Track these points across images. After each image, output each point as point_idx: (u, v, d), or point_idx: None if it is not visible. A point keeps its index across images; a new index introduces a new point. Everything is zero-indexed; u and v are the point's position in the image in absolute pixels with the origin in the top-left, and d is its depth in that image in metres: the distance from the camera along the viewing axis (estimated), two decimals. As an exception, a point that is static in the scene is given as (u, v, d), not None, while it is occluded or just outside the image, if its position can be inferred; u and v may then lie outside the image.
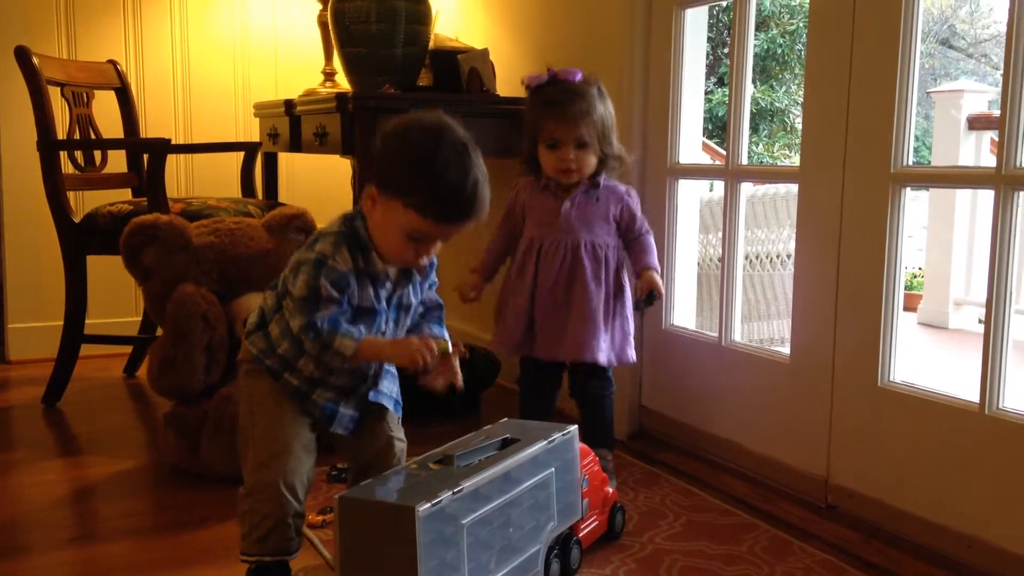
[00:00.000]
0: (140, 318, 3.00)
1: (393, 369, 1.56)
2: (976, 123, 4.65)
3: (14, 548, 1.73)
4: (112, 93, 2.99)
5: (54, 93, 2.68)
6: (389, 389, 1.56)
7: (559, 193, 2.02)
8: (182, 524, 1.83)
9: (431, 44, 2.69)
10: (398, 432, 1.56)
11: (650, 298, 1.97)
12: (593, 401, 2.07)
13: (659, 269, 2.02)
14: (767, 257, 4.06)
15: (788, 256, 4.03)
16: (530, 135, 2.04)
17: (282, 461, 1.43)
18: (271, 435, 1.44)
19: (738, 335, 2.20)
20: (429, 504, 1.25)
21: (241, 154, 3.07)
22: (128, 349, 3.03)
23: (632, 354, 2.04)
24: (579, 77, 2.01)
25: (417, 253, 1.43)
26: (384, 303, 1.45)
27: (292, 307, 1.41)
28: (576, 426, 1.63)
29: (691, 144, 2.33)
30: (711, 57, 9.67)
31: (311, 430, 1.49)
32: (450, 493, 1.29)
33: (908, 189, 1.79)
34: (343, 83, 2.90)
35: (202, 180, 3.38)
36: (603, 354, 1.98)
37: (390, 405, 1.55)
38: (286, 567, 1.46)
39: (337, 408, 1.49)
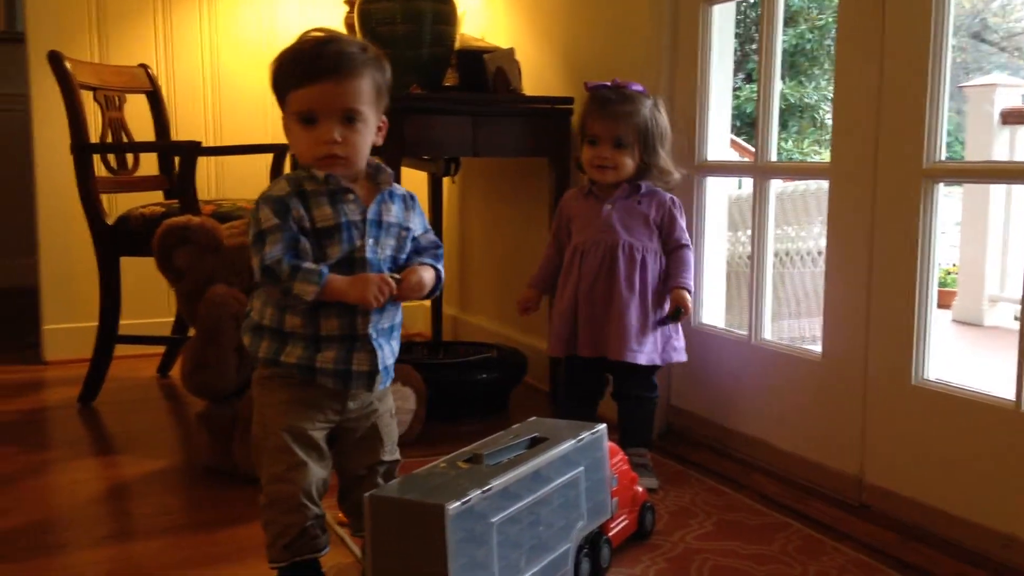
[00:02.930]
0: (173, 319, 3.03)
1: (394, 328, 1.51)
2: (1010, 117, 4.58)
3: (50, 545, 1.75)
4: (143, 97, 3.03)
5: (87, 97, 2.72)
6: (388, 350, 1.49)
7: (601, 196, 2.06)
8: (215, 522, 1.84)
9: (457, 44, 2.69)
10: (389, 452, 1.54)
11: (676, 314, 2.01)
12: (635, 403, 2.08)
13: (692, 288, 2.05)
14: (797, 254, 4.03)
15: (819, 253, 3.99)
16: (579, 135, 2.10)
17: (300, 473, 1.42)
18: (286, 447, 1.43)
19: (768, 333, 2.19)
20: (459, 502, 1.25)
21: (270, 156, 3.09)
22: (161, 349, 3.06)
23: (677, 356, 2.06)
24: (639, 89, 2.07)
25: (317, 140, 1.40)
26: (355, 217, 1.42)
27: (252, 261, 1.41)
28: (604, 425, 1.63)
29: (719, 141, 2.32)
30: (739, 53, 9.61)
31: (323, 435, 1.47)
32: (479, 492, 1.29)
33: (941, 185, 1.76)
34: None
35: (232, 182, 3.41)
36: (639, 355, 1.99)
37: (386, 372, 1.49)
38: (316, 565, 1.47)
39: (349, 367, 1.44)
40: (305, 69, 1.40)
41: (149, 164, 3.00)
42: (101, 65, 3.03)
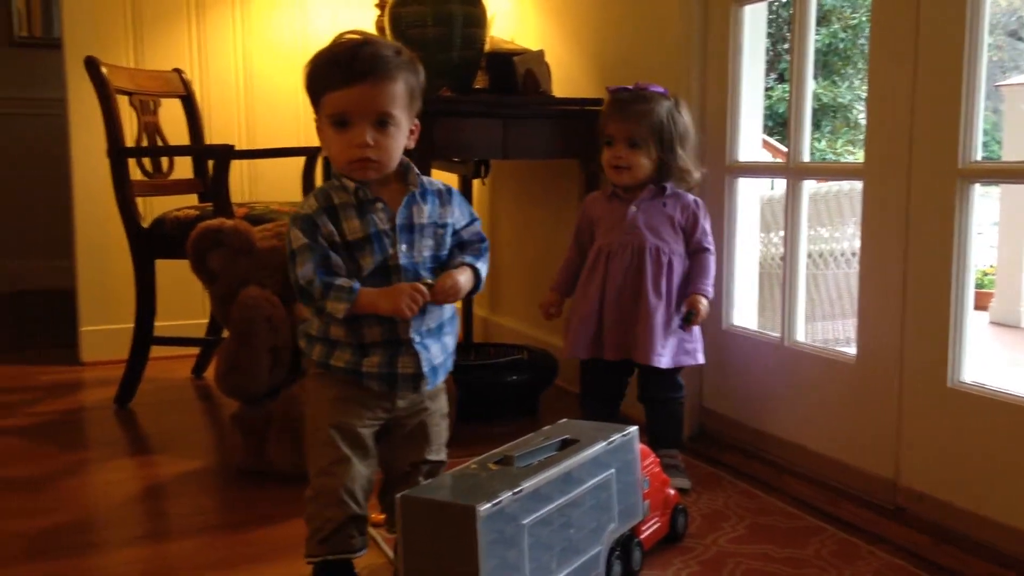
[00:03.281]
0: (207, 320, 3.06)
1: (444, 324, 1.52)
2: (1048, 116, 4.51)
3: (87, 544, 1.78)
4: (178, 101, 3.06)
5: (122, 102, 2.75)
6: (437, 348, 1.50)
7: (626, 198, 2.05)
8: (249, 522, 1.86)
9: (487, 47, 2.69)
10: (435, 452, 1.55)
11: (687, 318, 2.01)
12: (660, 405, 2.07)
13: (710, 295, 2.04)
14: (831, 255, 4.00)
15: (853, 254, 3.95)
16: (598, 136, 2.10)
17: (343, 468, 1.45)
18: (331, 443, 1.46)
19: (801, 335, 2.17)
20: (490, 504, 1.25)
21: (302, 159, 3.12)
22: (196, 351, 3.09)
23: (688, 359, 2.04)
24: (660, 90, 2.06)
25: (350, 143, 1.41)
26: (385, 226, 1.43)
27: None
28: (636, 427, 1.62)
29: (750, 142, 2.30)
30: (771, 53, 9.54)
31: (371, 432, 1.50)
32: (510, 493, 1.29)
33: (977, 185, 1.74)
34: (401, 87, 2.92)
35: (265, 185, 3.44)
36: (663, 358, 1.99)
37: (434, 373, 1.49)
38: (349, 566, 1.48)
39: (394, 371, 1.46)
40: (340, 72, 1.40)
41: (183, 168, 3.03)
42: (136, 70, 3.07)
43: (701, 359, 2.07)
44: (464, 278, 1.48)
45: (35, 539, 1.79)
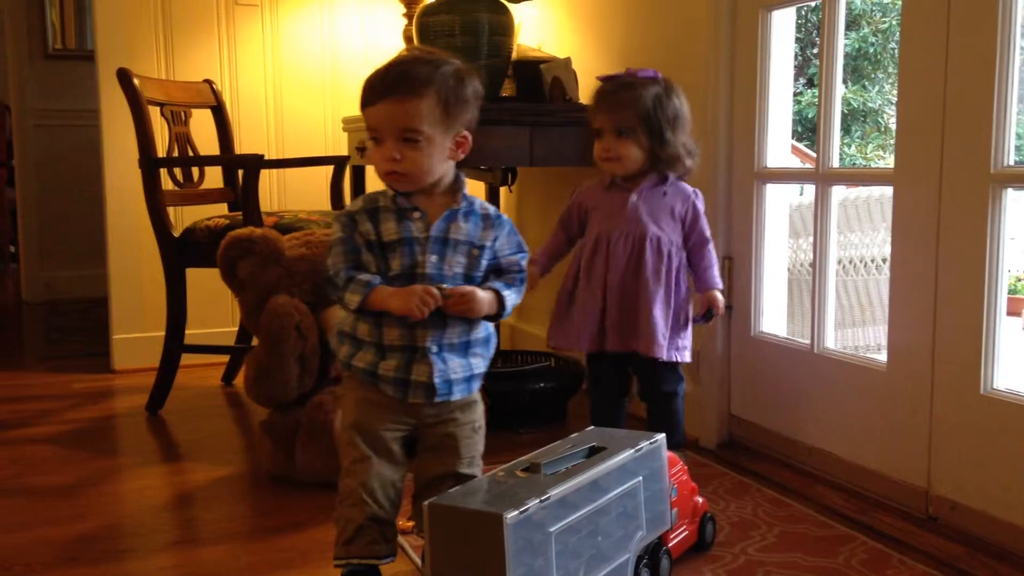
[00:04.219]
0: (236, 328, 3.09)
1: (472, 344, 1.52)
2: (1084, 119, 4.44)
3: (118, 551, 1.80)
4: (208, 111, 3.09)
5: (154, 112, 2.78)
6: (458, 364, 1.49)
7: (625, 187, 2.01)
8: (278, 528, 1.87)
9: (514, 55, 2.70)
10: (466, 465, 1.52)
11: (708, 315, 2.00)
12: (661, 400, 2.04)
13: (722, 287, 2.02)
14: (861, 261, 3.96)
15: (883, 260, 3.91)
16: (589, 131, 2.05)
17: (362, 467, 1.47)
18: (354, 443, 1.49)
19: (831, 342, 2.15)
20: (517, 511, 1.25)
21: (331, 168, 3.14)
22: (225, 358, 3.12)
23: (678, 355, 1.99)
24: (649, 75, 2.00)
25: (383, 157, 1.46)
26: (419, 234, 1.46)
27: None
28: (663, 435, 1.61)
29: (779, 147, 2.29)
30: (800, 58, 9.48)
31: (396, 436, 1.50)
32: (537, 501, 1.29)
33: (1010, 190, 1.72)
34: (429, 95, 2.93)
35: (293, 194, 3.46)
36: (663, 349, 1.96)
37: (447, 386, 1.48)
38: (375, 571, 1.48)
39: (408, 377, 1.47)
40: (370, 89, 1.46)
41: (214, 177, 3.06)
42: (167, 81, 3.11)
43: (689, 358, 2.03)
44: (485, 296, 1.47)
45: (69, 545, 1.81)
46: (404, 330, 1.46)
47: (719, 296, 2.01)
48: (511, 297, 1.51)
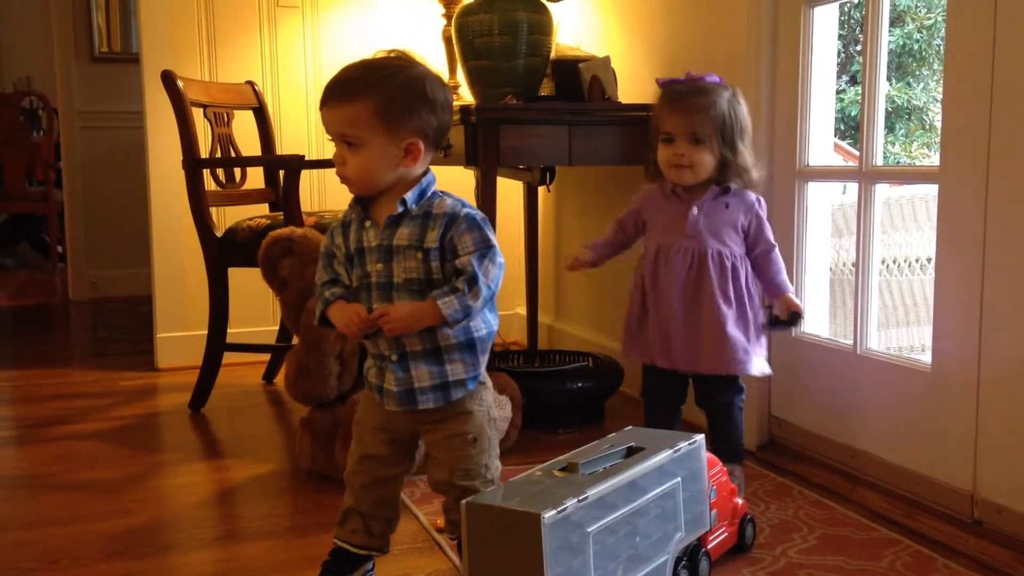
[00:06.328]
0: (277, 327, 3.12)
1: (445, 350, 1.46)
2: None
3: (162, 546, 1.83)
4: (250, 112, 3.13)
5: (197, 114, 2.82)
6: (426, 372, 1.45)
7: (686, 198, 1.95)
8: (318, 525, 1.89)
9: (552, 54, 2.70)
10: (460, 477, 1.49)
11: (794, 319, 1.93)
12: (721, 411, 2.01)
13: (793, 290, 1.98)
14: (905, 261, 3.90)
15: (928, 260, 3.85)
16: (652, 133, 1.99)
17: (352, 459, 1.56)
18: (353, 437, 1.58)
19: (874, 343, 2.12)
20: (555, 511, 1.25)
21: (370, 168, 3.15)
22: (266, 357, 3.15)
23: (750, 368, 1.94)
24: (714, 79, 1.97)
25: (334, 159, 1.47)
26: (372, 243, 1.47)
27: None
28: (703, 436, 1.60)
29: (821, 145, 2.26)
30: (843, 55, 9.36)
31: (389, 443, 1.54)
32: (575, 501, 1.29)
33: (1059, 187, 1.68)
34: (466, 96, 2.94)
35: (334, 194, 3.49)
36: (747, 365, 1.92)
37: (408, 395, 1.45)
38: (347, 555, 1.55)
39: (381, 384, 1.50)
40: (323, 93, 1.48)
41: (255, 178, 3.09)
42: (210, 83, 3.14)
43: (768, 368, 2.01)
44: (418, 311, 1.40)
45: (115, 539, 1.84)
46: (371, 340, 1.50)
47: (796, 299, 1.95)
48: (451, 304, 1.39)
